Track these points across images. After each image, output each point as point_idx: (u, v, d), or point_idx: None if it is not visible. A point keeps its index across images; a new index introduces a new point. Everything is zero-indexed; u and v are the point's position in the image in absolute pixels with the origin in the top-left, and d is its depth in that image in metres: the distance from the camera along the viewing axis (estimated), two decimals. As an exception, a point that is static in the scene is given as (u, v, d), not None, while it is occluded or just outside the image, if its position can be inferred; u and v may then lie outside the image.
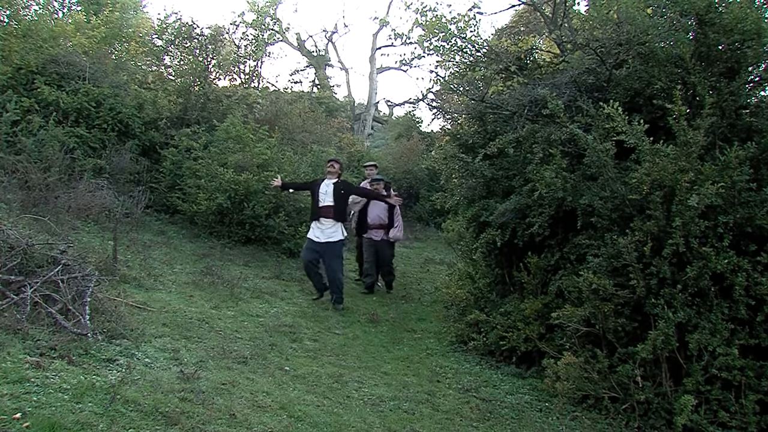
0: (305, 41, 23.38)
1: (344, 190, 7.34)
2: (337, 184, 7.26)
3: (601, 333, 4.73)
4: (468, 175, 6.38)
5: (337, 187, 7.23)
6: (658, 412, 4.37)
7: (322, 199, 7.13)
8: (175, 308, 5.63)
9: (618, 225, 4.81)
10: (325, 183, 7.28)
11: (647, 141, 4.58)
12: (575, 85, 5.77)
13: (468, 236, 6.96)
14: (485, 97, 6.58)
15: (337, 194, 7.21)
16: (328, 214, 7.13)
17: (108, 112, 9.95)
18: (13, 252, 4.45)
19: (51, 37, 10.95)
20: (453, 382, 5.18)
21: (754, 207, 4.35)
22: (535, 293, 5.64)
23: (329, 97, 22.37)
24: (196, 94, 11.83)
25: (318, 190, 7.25)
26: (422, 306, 8.02)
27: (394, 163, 16.42)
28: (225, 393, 3.83)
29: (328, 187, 7.22)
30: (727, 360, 4.16)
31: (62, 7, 15.43)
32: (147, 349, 4.31)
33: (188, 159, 9.96)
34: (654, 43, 5.29)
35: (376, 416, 4.10)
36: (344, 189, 7.35)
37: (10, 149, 8.24)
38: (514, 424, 4.39)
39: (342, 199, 7.29)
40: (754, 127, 4.86)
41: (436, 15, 7.04)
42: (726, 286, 4.32)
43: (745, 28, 4.83)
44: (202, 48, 12.57)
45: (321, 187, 7.23)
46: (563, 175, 5.16)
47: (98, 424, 2.90)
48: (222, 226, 9.38)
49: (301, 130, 13.99)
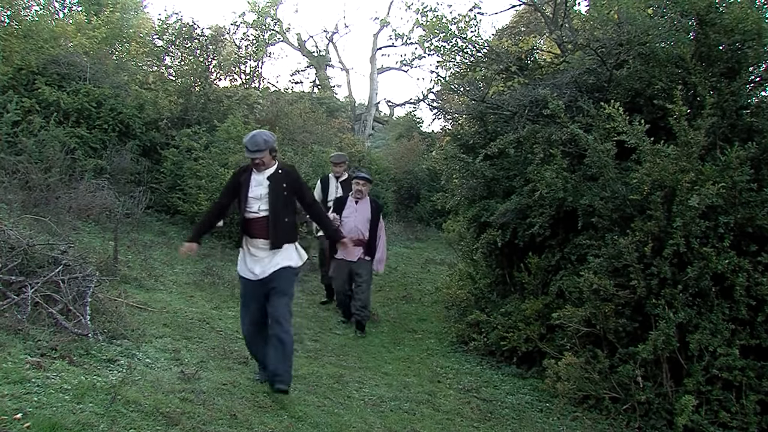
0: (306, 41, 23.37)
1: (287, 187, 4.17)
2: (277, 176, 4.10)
3: (602, 333, 4.73)
4: (469, 175, 6.37)
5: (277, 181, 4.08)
6: (658, 412, 4.37)
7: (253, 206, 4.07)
8: (175, 308, 5.63)
9: (619, 225, 4.80)
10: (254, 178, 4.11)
11: (648, 141, 4.58)
12: (576, 86, 5.76)
13: (469, 236, 6.96)
14: (486, 98, 6.58)
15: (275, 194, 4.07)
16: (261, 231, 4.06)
17: (109, 112, 9.94)
18: (13, 252, 4.45)
19: (52, 37, 10.94)
20: (454, 382, 5.18)
21: (755, 207, 4.35)
22: (536, 293, 5.64)
23: (330, 98, 22.35)
24: (196, 95, 11.82)
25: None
26: (423, 306, 8.01)
27: (394, 163, 16.41)
28: (226, 393, 3.83)
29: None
30: (728, 360, 4.16)
31: (63, 7, 15.41)
32: (148, 350, 4.31)
33: (189, 159, 9.95)
34: (655, 43, 5.29)
35: (377, 416, 4.10)
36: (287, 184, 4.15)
37: (10, 149, 8.23)
38: (515, 424, 4.39)
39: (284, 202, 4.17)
40: (755, 127, 4.87)
41: (436, 15, 7.04)
42: (727, 286, 4.32)
43: (745, 29, 4.83)
44: (203, 48, 12.56)
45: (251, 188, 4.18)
46: (564, 176, 5.16)
47: (99, 425, 2.90)
48: (222, 226, 9.37)
49: (301, 131, 13.97)
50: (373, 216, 6.21)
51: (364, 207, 6.23)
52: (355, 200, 6.24)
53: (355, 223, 6.14)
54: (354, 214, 6.18)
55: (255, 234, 4.03)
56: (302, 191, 4.16)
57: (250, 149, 3.91)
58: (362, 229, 6.16)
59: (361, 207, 6.23)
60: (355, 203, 6.23)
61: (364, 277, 6.18)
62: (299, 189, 4.14)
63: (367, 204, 6.26)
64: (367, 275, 6.22)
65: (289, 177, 4.09)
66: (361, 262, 6.19)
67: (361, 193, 6.22)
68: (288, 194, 4.05)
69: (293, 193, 4.10)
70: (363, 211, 6.20)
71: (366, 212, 6.19)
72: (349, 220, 6.14)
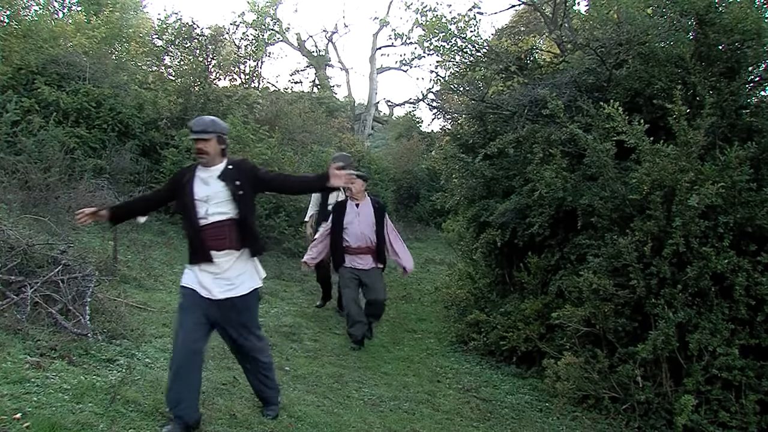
0: (305, 41, 23.37)
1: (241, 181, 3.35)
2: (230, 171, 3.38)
3: (602, 333, 4.73)
4: (468, 175, 6.38)
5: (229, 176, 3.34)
6: (658, 412, 4.37)
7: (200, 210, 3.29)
8: (175, 308, 5.60)
9: (618, 225, 4.80)
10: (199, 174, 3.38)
11: (647, 141, 4.58)
12: (575, 85, 5.77)
13: (468, 236, 6.96)
14: (485, 97, 6.58)
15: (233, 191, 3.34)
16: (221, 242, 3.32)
17: (108, 112, 9.94)
18: (13, 252, 4.45)
19: (51, 37, 10.94)
20: (453, 382, 5.18)
21: (755, 207, 4.35)
22: (536, 293, 5.64)
23: (329, 97, 22.34)
24: (196, 95, 11.82)
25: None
26: (422, 306, 8.01)
27: (394, 163, 16.41)
28: (225, 393, 3.83)
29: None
30: (728, 360, 4.16)
31: (62, 7, 15.42)
32: (147, 350, 4.31)
33: (188, 159, 9.94)
34: (654, 43, 5.29)
35: (377, 416, 4.10)
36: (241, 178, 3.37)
37: (10, 149, 8.23)
38: (515, 424, 4.39)
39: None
40: (755, 127, 4.86)
41: (436, 15, 7.05)
42: (726, 286, 4.32)
43: (745, 28, 4.83)
44: (203, 48, 12.56)
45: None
46: (563, 175, 5.16)
47: (98, 425, 2.90)
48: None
49: (301, 131, 13.97)
50: (377, 218, 5.59)
51: (366, 210, 5.62)
52: (354, 203, 5.63)
53: (360, 228, 5.52)
54: (357, 218, 5.55)
55: (209, 245, 3.22)
56: (258, 177, 3.38)
57: (193, 129, 3.26)
58: (369, 235, 5.54)
59: (364, 210, 5.61)
60: (356, 206, 5.61)
61: (378, 285, 5.62)
62: (255, 177, 3.35)
63: (369, 206, 5.65)
64: (379, 283, 5.64)
65: (241, 171, 3.32)
66: (373, 271, 5.60)
67: (350, 191, 5.58)
68: (245, 192, 3.28)
69: (252, 188, 3.34)
70: (366, 215, 5.58)
71: (369, 215, 5.58)
72: (353, 226, 5.53)
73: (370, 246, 5.57)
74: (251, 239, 3.35)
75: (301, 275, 8.06)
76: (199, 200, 3.25)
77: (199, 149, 3.27)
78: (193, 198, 3.25)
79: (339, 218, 5.59)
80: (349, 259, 5.57)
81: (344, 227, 5.54)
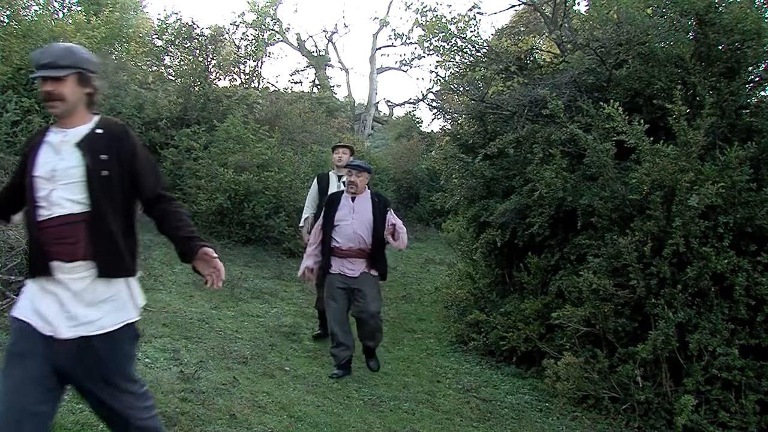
0: (305, 41, 23.38)
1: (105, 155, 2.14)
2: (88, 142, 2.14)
3: (602, 333, 4.73)
4: (468, 175, 6.38)
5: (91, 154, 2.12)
6: (658, 412, 4.37)
7: (41, 193, 2.10)
8: (175, 308, 5.63)
9: (618, 225, 4.81)
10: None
11: (647, 141, 4.58)
12: (575, 85, 5.77)
13: (468, 236, 6.96)
14: (485, 97, 6.59)
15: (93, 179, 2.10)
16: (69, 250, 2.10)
17: (108, 112, 9.93)
18: (13, 252, 4.46)
19: (51, 37, 10.92)
20: (453, 382, 5.18)
21: (755, 207, 4.35)
22: (536, 293, 5.64)
23: (329, 98, 22.35)
24: (196, 95, 11.82)
25: None
26: (422, 306, 8.01)
27: (394, 163, 16.42)
28: (225, 393, 3.83)
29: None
30: (728, 360, 4.16)
31: (62, 7, 15.42)
32: (147, 349, 4.31)
33: (188, 159, 9.96)
34: (654, 43, 5.30)
35: (376, 416, 4.10)
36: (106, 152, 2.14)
37: (9, 149, 8.22)
38: (515, 424, 4.39)
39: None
40: (754, 127, 4.87)
41: (436, 15, 7.05)
42: (726, 286, 4.32)
43: (745, 28, 4.84)
44: (202, 48, 12.57)
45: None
46: (563, 175, 5.16)
47: (98, 425, 2.90)
48: (222, 227, 9.37)
49: (301, 131, 13.97)
50: (376, 216, 4.60)
51: (363, 205, 4.65)
52: (350, 197, 4.69)
53: (353, 227, 4.57)
54: (351, 215, 4.60)
55: (50, 252, 2.06)
56: (139, 168, 2.19)
57: (38, 63, 2.07)
58: (363, 236, 4.58)
59: (360, 205, 4.65)
60: (352, 201, 4.66)
61: (370, 297, 4.59)
62: (133, 163, 2.17)
63: (368, 201, 4.68)
64: (373, 293, 4.64)
65: (114, 140, 2.16)
66: (365, 278, 4.62)
67: (355, 187, 4.64)
68: (113, 173, 2.11)
69: (126, 171, 2.16)
70: (363, 212, 4.62)
71: (366, 212, 4.62)
72: (346, 224, 4.58)
73: (363, 248, 4.59)
74: (112, 250, 2.12)
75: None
76: (41, 177, 2.07)
77: (47, 94, 2.07)
78: (33, 174, 2.08)
79: (330, 213, 4.68)
80: (338, 263, 4.60)
81: (335, 224, 4.61)
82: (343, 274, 4.60)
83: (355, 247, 4.59)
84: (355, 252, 4.59)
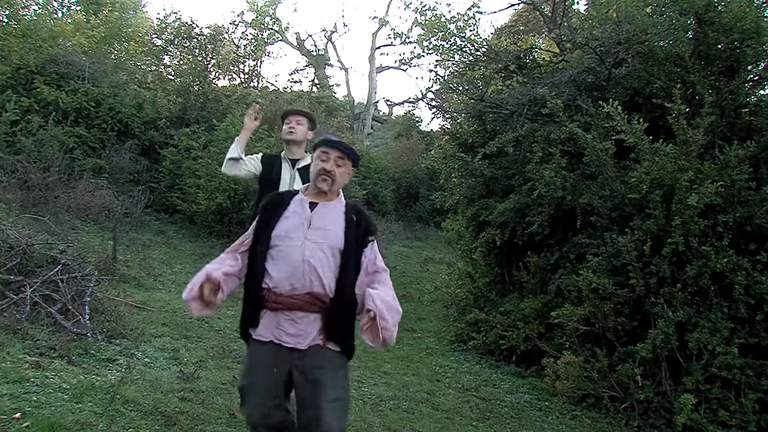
0: (305, 41, 23.34)
1: None
2: None
3: (601, 332, 4.73)
4: (467, 174, 6.38)
5: None
6: (657, 411, 4.37)
7: None
8: (174, 308, 5.62)
9: (617, 224, 4.81)
10: None
11: (647, 140, 4.58)
12: (574, 84, 5.77)
13: (467, 235, 6.96)
14: (485, 97, 6.59)
15: None
16: None
17: (107, 111, 9.94)
18: (12, 252, 4.45)
19: (50, 36, 10.95)
20: (453, 381, 5.18)
21: (754, 206, 4.35)
22: (535, 292, 5.64)
23: (329, 97, 22.33)
24: (195, 94, 11.82)
25: None
26: (422, 305, 8.02)
27: (393, 162, 16.42)
28: (225, 392, 3.83)
29: None
30: (727, 359, 4.17)
31: (62, 6, 15.42)
32: (147, 349, 4.31)
33: (188, 159, 9.96)
34: (653, 42, 5.29)
35: (376, 415, 4.10)
36: None
37: (9, 149, 8.23)
38: (514, 423, 4.39)
39: None
40: (754, 125, 4.87)
41: (435, 14, 7.05)
42: (726, 285, 4.32)
43: (744, 27, 4.84)
44: (202, 48, 12.57)
45: None
46: (563, 174, 5.16)
47: (98, 424, 2.90)
48: (221, 226, 9.37)
49: (300, 130, 13.95)
50: (348, 244, 2.35)
51: (328, 219, 2.39)
52: (308, 201, 2.41)
53: (303, 253, 2.30)
54: (303, 230, 2.35)
55: None
56: None
57: None
58: (320, 272, 2.31)
59: (323, 218, 2.39)
60: (310, 208, 2.40)
61: (330, 394, 2.27)
62: None
63: (338, 214, 2.41)
64: (336, 387, 2.31)
65: None
66: (320, 355, 2.33)
67: (330, 181, 2.39)
68: None
69: None
70: (326, 229, 2.37)
71: (332, 232, 2.36)
72: (292, 245, 2.33)
73: (318, 296, 2.32)
74: None
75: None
76: None
77: None
78: None
79: (267, 223, 2.41)
80: (269, 320, 2.35)
81: (271, 244, 2.36)
82: (280, 342, 2.32)
83: (301, 291, 2.30)
84: (301, 301, 2.31)
